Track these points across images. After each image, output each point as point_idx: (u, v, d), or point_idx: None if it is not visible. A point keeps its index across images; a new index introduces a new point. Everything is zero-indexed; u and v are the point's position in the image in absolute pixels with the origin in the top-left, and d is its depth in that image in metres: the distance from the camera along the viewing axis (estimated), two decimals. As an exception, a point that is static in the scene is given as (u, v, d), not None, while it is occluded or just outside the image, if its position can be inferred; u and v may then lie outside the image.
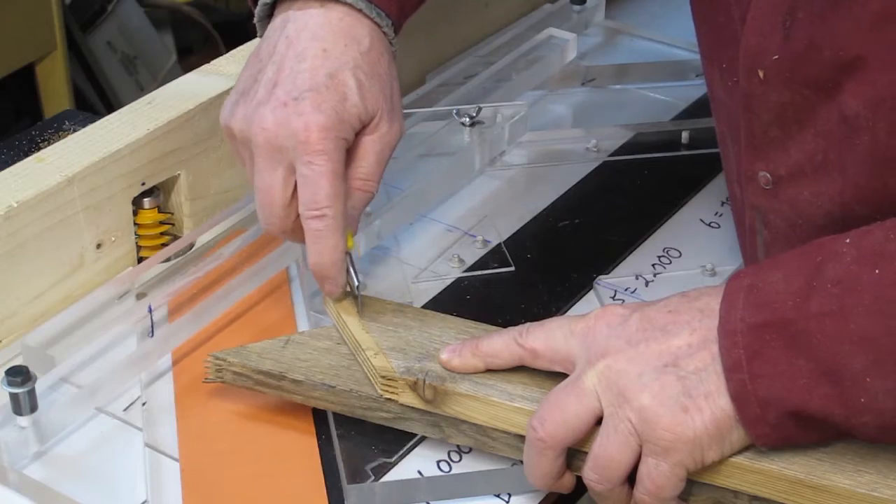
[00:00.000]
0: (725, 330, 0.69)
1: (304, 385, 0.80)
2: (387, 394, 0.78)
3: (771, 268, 0.71)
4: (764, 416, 0.69)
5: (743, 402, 0.69)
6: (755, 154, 0.81)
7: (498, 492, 0.79)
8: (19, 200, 0.87)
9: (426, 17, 1.17)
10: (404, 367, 0.78)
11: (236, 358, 0.81)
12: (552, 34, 1.21)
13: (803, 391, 0.67)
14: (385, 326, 0.83)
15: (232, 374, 0.81)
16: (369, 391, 0.79)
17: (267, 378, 0.81)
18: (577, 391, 0.72)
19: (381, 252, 0.99)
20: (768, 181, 0.81)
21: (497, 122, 1.09)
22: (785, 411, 0.68)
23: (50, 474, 0.80)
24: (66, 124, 1.14)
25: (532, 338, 0.76)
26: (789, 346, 0.68)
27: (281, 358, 0.81)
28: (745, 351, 0.68)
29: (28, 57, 2.09)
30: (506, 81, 1.15)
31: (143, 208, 0.97)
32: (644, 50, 1.20)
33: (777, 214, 0.82)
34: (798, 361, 0.67)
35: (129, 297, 0.92)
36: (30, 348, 0.85)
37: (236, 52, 1.05)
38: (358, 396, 0.79)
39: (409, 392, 0.78)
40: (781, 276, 0.69)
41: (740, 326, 0.69)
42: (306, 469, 0.80)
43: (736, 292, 0.70)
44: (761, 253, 0.85)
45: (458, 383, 0.77)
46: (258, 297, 0.94)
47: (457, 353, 0.78)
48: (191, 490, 0.78)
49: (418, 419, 0.79)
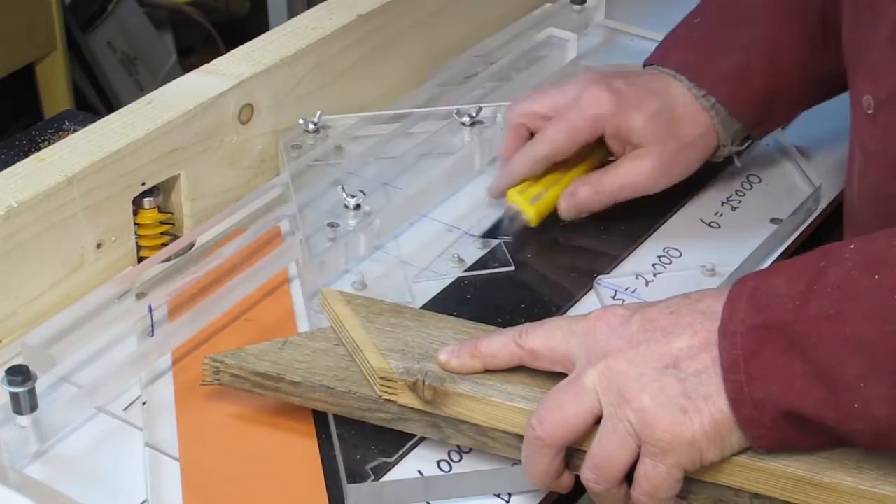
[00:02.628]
0: (726, 331, 0.70)
1: (302, 387, 0.80)
2: (385, 395, 0.78)
3: (775, 272, 0.71)
4: (760, 418, 0.69)
5: (739, 403, 0.69)
6: (865, 75, 0.83)
7: (498, 492, 0.79)
8: (19, 200, 0.87)
9: (426, 17, 1.17)
10: (403, 367, 0.78)
11: (234, 360, 0.81)
12: (552, 34, 1.21)
13: (798, 394, 0.67)
14: (383, 327, 0.82)
15: (229, 377, 0.81)
16: (368, 392, 0.79)
17: (265, 380, 0.80)
18: (576, 390, 0.72)
19: (381, 252, 0.99)
20: (870, 104, 0.82)
21: (497, 122, 1.09)
22: (780, 413, 0.68)
23: (50, 474, 0.80)
24: (66, 124, 1.14)
25: (531, 338, 0.76)
26: (787, 348, 0.68)
27: (278, 360, 0.81)
28: (744, 352, 0.68)
29: (28, 57, 2.09)
30: (506, 81, 1.15)
31: (143, 208, 0.97)
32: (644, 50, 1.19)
33: (873, 139, 0.83)
34: (795, 364, 0.67)
35: (129, 296, 0.92)
36: (30, 348, 0.85)
37: (236, 52, 1.05)
38: (357, 398, 0.79)
39: (409, 393, 0.78)
40: (784, 279, 0.70)
41: (740, 328, 0.69)
42: (306, 469, 0.80)
43: (739, 295, 0.70)
44: (855, 183, 0.86)
45: (457, 384, 0.77)
46: (258, 297, 0.94)
47: (455, 355, 0.78)
48: (191, 490, 0.78)
49: (418, 420, 0.79)
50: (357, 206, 0.99)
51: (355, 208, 0.99)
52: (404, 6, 1.14)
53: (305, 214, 0.99)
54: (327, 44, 1.08)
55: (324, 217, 0.99)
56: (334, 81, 1.10)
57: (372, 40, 1.12)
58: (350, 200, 0.99)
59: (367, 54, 1.12)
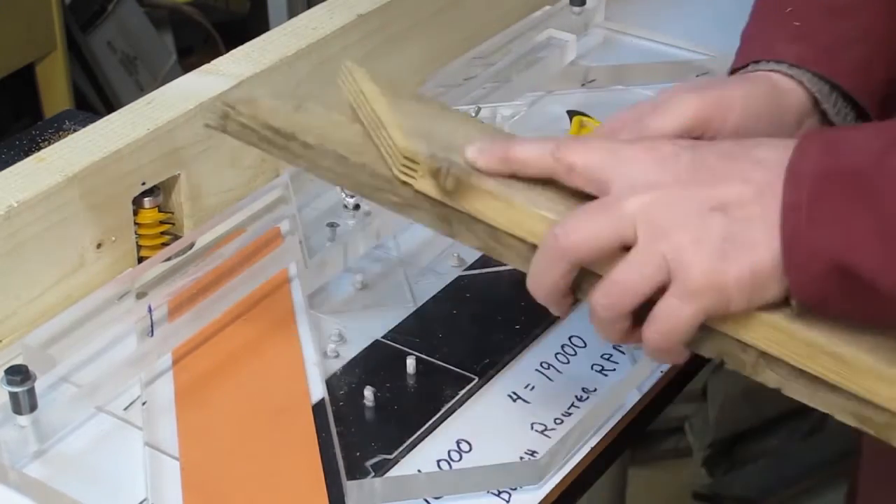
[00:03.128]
0: (793, 171, 0.66)
1: (313, 150, 0.73)
2: (404, 175, 0.71)
3: (852, 128, 0.68)
4: (809, 265, 0.65)
5: (793, 247, 0.65)
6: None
7: (498, 489, 0.79)
8: (19, 200, 0.87)
9: (426, 17, 1.18)
10: (429, 152, 0.71)
11: (246, 109, 0.74)
12: (552, 35, 1.21)
13: (859, 247, 0.64)
14: (409, 111, 0.76)
15: (237, 125, 0.75)
16: (383, 170, 0.72)
17: (275, 136, 0.73)
18: (613, 211, 0.69)
19: (381, 252, 0.99)
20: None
21: (497, 122, 1.09)
22: (833, 264, 0.65)
23: (50, 473, 0.80)
24: (66, 124, 1.14)
25: (570, 152, 0.72)
26: (858, 198, 0.64)
27: (292, 119, 0.75)
28: (809, 193, 0.65)
29: (28, 57, 2.09)
30: (505, 82, 1.15)
31: (143, 208, 0.97)
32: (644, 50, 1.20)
33: None
34: (862, 216, 0.64)
35: (129, 297, 0.92)
36: (30, 348, 0.85)
37: (236, 51, 1.06)
38: (370, 174, 0.72)
39: (429, 179, 0.71)
40: (863, 134, 0.67)
41: (809, 169, 0.65)
42: (306, 466, 0.80)
43: (811, 142, 0.67)
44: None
45: (483, 180, 0.71)
46: (258, 297, 0.94)
47: (484, 154, 0.72)
48: (191, 489, 0.78)
49: (428, 210, 0.72)
50: (356, 206, 0.99)
51: (354, 208, 0.99)
52: (404, 6, 1.14)
53: (305, 214, 0.99)
54: (327, 44, 1.08)
55: (323, 217, 0.99)
56: (334, 81, 1.09)
57: (372, 40, 1.12)
58: (349, 200, 0.99)
59: (368, 54, 1.12)
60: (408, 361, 0.87)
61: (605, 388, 0.87)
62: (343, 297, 0.95)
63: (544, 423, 0.84)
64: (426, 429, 0.83)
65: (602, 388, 0.87)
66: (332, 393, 0.85)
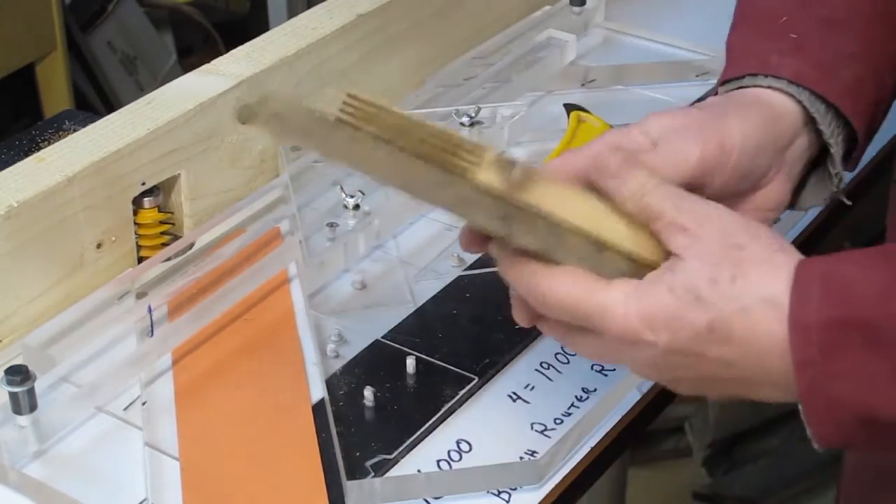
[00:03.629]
0: (797, 322, 0.65)
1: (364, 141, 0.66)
2: (466, 163, 0.65)
3: (842, 259, 0.66)
4: (830, 416, 0.65)
5: (812, 400, 0.65)
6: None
7: (498, 489, 0.79)
8: (19, 200, 0.87)
9: (426, 17, 1.18)
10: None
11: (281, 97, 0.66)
12: (552, 35, 1.21)
13: (880, 394, 0.64)
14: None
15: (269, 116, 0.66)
16: (443, 164, 0.66)
17: (317, 126, 0.65)
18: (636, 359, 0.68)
19: (381, 252, 0.99)
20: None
21: (496, 122, 1.09)
22: (854, 414, 0.65)
23: (50, 473, 0.80)
24: (66, 124, 1.14)
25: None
26: (870, 348, 0.64)
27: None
28: (820, 348, 0.65)
29: (28, 57, 2.09)
30: (505, 82, 1.15)
31: (143, 208, 0.97)
32: (644, 50, 1.20)
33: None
34: (877, 365, 0.64)
35: (129, 297, 0.92)
36: (30, 348, 0.85)
37: (236, 51, 1.06)
38: (427, 168, 0.66)
39: (492, 169, 0.65)
40: (855, 269, 0.66)
41: (815, 319, 0.65)
42: (306, 466, 0.80)
43: (809, 281, 0.66)
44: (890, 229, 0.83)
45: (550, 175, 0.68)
46: (258, 297, 0.94)
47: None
48: (191, 489, 0.79)
49: (487, 207, 0.67)
50: (356, 206, 0.99)
51: (354, 208, 0.99)
52: (404, 7, 1.14)
53: (305, 214, 0.99)
54: (327, 44, 1.08)
55: (323, 217, 0.99)
56: (334, 81, 1.10)
57: (372, 40, 1.12)
58: (349, 200, 0.99)
59: (367, 54, 1.12)
60: (408, 361, 0.87)
61: (605, 388, 0.87)
62: (343, 297, 0.95)
63: (544, 423, 0.84)
64: (426, 429, 0.83)
65: (602, 388, 0.87)
66: (332, 393, 0.85)
